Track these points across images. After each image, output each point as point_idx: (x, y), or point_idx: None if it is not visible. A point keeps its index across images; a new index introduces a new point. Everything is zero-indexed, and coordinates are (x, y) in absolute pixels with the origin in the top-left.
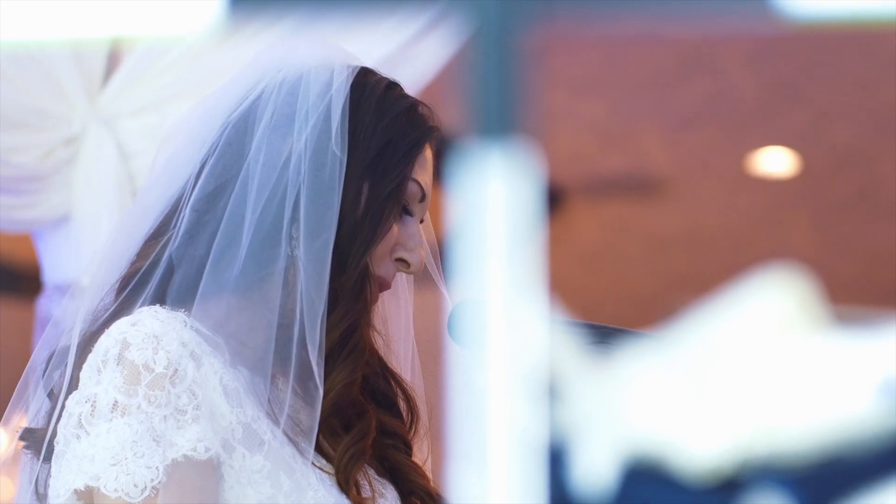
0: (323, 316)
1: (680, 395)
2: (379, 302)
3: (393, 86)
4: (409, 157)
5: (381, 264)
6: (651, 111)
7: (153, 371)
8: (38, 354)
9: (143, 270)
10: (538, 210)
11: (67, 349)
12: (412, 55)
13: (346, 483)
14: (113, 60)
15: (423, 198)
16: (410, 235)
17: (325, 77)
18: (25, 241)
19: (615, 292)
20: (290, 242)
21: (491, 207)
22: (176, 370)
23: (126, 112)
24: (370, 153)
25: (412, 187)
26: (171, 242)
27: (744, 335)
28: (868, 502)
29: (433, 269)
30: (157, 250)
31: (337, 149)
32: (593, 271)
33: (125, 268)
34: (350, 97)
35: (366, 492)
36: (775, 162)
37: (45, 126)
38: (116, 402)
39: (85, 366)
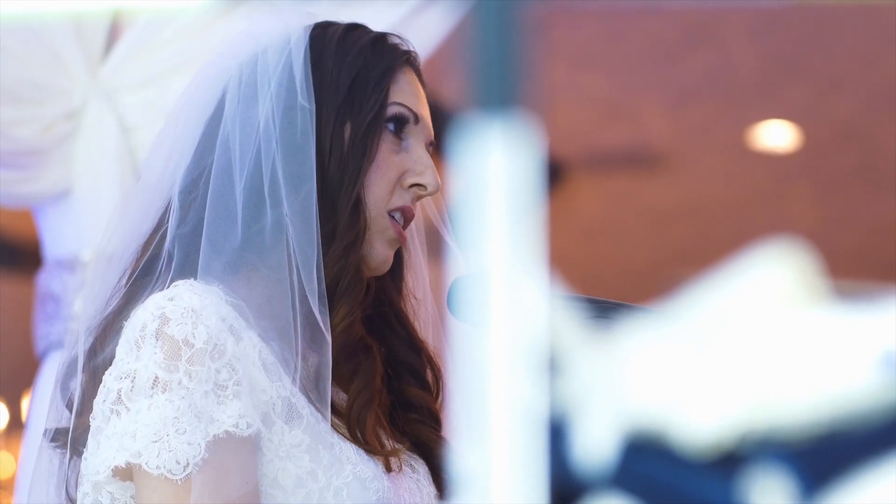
0: (318, 264)
1: (680, 368)
2: (405, 266)
3: (353, 27)
4: (382, 85)
5: (394, 196)
6: (652, 84)
7: (193, 346)
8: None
9: (144, 264)
10: (539, 183)
11: (77, 359)
12: (412, 28)
13: (362, 435)
14: (114, 34)
15: (416, 120)
16: (416, 160)
17: (282, 43)
18: (25, 215)
19: (615, 266)
20: (274, 202)
21: (492, 181)
22: (216, 345)
23: (127, 86)
24: (340, 94)
25: (396, 110)
26: (168, 233)
27: (744, 309)
28: (867, 476)
29: (446, 235)
30: (155, 243)
31: (304, 100)
32: (594, 245)
33: (128, 265)
34: (310, 50)
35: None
36: (776, 135)
37: (45, 100)
38: (157, 377)
39: (122, 340)
